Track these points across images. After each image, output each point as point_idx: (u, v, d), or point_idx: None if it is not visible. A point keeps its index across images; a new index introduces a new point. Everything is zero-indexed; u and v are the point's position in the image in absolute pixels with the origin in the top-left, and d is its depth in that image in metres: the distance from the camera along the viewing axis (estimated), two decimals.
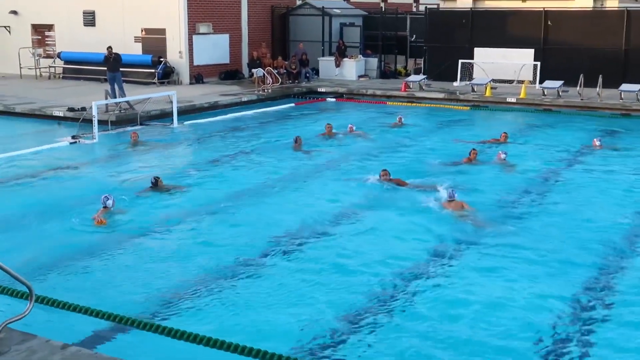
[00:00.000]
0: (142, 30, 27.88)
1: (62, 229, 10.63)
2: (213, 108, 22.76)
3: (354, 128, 18.68)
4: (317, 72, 29.91)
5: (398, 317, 7.74)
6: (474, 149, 15.05)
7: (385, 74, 30.08)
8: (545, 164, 15.16)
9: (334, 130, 18.29)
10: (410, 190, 12.69)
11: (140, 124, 19.88)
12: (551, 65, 25.78)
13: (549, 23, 26.30)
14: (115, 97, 20.49)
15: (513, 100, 23.55)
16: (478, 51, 27.30)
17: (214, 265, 9.14)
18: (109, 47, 21.34)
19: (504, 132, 17.15)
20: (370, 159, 15.70)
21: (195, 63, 27.71)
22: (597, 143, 16.60)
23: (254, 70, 26.61)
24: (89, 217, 10.92)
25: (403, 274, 8.90)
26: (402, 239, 10.24)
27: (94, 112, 17.70)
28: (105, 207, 11.10)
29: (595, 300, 8.14)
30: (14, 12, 30.63)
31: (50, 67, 29.48)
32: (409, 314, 7.82)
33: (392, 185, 12.88)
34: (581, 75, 22.53)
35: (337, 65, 29.50)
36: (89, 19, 28.89)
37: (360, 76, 29.50)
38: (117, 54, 21.33)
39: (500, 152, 14.93)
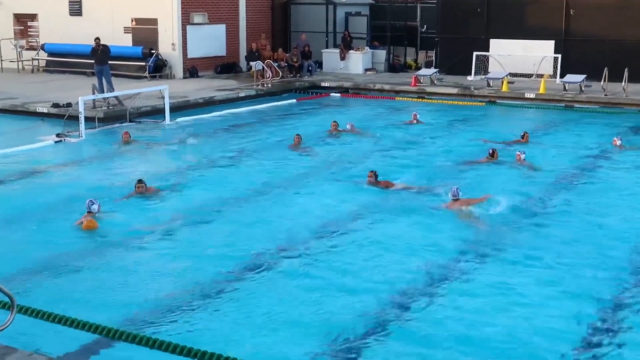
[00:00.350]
0: (132, 21, 27.94)
1: (46, 235, 10.67)
2: (208, 104, 22.79)
3: (354, 126, 18.72)
4: (320, 65, 29.94)
5: (402, 333, 7.75)
6: (494, 149, 15.10)
7: (394, 67, 30.10)
8: (566, 165, 15.16)
9: (339, 128, 18.33)
10: (410, 193, 12.78)
11: (130, 121, 19.93)
12: (573, 58, 25.77)
13: (571, 12, 26.29)
14: (103, 92, 20.54)
15: (532, 95, 23.54)
16: (494, 43, 27.29)
17: (206, 274, 9.16)
18: (97, 39, 21.40)
19: (525, 132, 17.15)
20: (383, 158, 15.72)
21: (190, 55, 27.75)
22: (618, 142, 16.57)
23: (252, 64, 26.64)
24: (74, 223, 10.93)
25: (408, 283, 8.92)
26: (406, 245, 10.27)
27: (81, 108, 17.74)
28: (89, 212, 11.09)
29: (620, 314, 8.13)
30: None
31: (33, 59, 29.55)
32: (414, 328, 7.83)
33: (380, 188, 12.96)
34: (605, 69, 22.50)
35: (342, 58, 29.53)
36: (76, 8, 28.97)
37: (366, 70, 29.52)
38: (105, 46, 21.39)
39: (519, 152, 14.94)
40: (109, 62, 21.57)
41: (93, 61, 21.60)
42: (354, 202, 12.43)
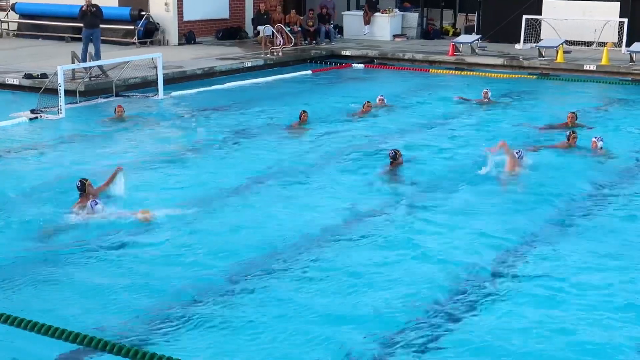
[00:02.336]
0: None
1: (20, 232, 10.71)
2: (208, 75, 22.88)
3: (385, 100, 18.99)
4: (340, 30, 29.92)
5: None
6: (573, 132, 14.94)
7: (428, 33, 30.05)
8: (634, 151, 15.09)
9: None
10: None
11: (117, 95, 20.04)
12: None
13: None
14: (85, 61, 20.61)
15: (592, 67, 23.45)
16: (548, 4, 27.18)
17: (202, 278, 9.21)
18: None
19: (571, 112, 16.92)
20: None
21: (186, 18, 27.83)
22: None
23: (260, 28, 26.69)
24: (57, 216, 11.00)
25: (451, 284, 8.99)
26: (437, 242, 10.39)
27: (60, 79, 17.78)
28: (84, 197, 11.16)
29: None
30: None
31: (2, 22, 29.73)
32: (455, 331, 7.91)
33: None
34: None
35: (367, 22, 29.51)
36: None
37: (395, 36, 29.49)
38: (96, 6, 21.43)
39: (595, 138, 14.73)
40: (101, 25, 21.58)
41: (82, 24, 21.58)
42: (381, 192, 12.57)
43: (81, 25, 21.71)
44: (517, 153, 13.49)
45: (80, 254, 9.96)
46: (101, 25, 21.80)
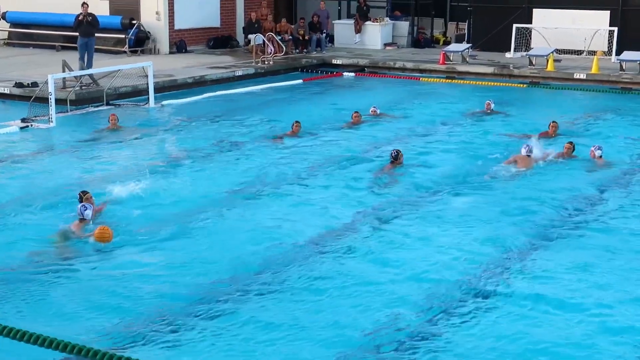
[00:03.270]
0: None
1: (10, 241, 10.72)
2: (199, 84, 22.92)
3: (377, 111, 19.03)
4: (331, 39, 30.00)
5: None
6: (570, 142, 15.00)
7: (419, 42, 30.15)
8: (623, 161, 15.12)
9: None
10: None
11: (107, 104, 20.07)
12: (632, 32, 25.77)
13: None
14: (85, 68, 20.65)
15: (582, 76, 23.57)
16: (538, 13, 27.31)
17: (195, 287, 9.23)
18: (85, 4, 21.38)
19: (553, 122, 16.95)
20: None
21: (177, 27, 27.86)
22: None
23: (251, 37, 26.73)
24: (48, 227, 10.97)
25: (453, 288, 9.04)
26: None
27: (51, 88, 17.81)
28: (82, 219, 10.90)
29: None
30: None
31: None
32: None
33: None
34: None
35: (358, 31, 29.59)
36: None
37: (386, 44, 29.58)
38: (92, 15, 21.44)
39: (593, 148, 14.71)
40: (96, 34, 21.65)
41: (77, 33, 21.61)
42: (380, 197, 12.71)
43: (72, 34, 21.74)
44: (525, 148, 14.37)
45: (67, 262, 10.02)
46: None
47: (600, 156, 14.67)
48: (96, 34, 21.67)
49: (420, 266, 9.94)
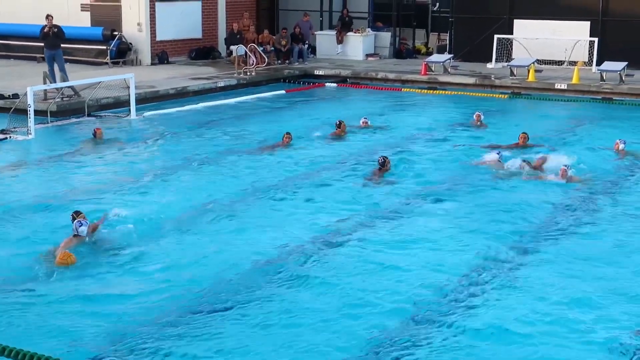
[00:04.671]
0: None
1: None
2: (181, 95, 22.89)
3: (368, 122, 19.08)
4: (313, 50, 30.04)
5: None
6: (524, 132, 16.02)
7: (401, 52, 30.24)
8: (603, 172, 15.15)
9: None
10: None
11: (89, 115, 20.00)
12: (612, 42, 25.97)
13: None
14: (55, 81, 20.57)
15: (563, 86, 23.69)
16: (519, 24, 27.47)
17: (186, 299, 9.22)
18: (49, 16, 21.33)
19: (523, 133, 16.87)
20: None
21: (159, 38, 27.82)
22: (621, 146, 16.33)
23: (232, 48, 26.72)
24: (33, 243, 10.83)
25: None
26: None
27: (30, 100, 17.75)
28: (76, 235, 10.62)
29: None
30: None
31: None
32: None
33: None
34: None
35: (340, 42, 29.65)
36: None
37: (368, 55, 29.64)
38: (58, 27, 21.37)
39: (564, 166, 14.30)
40: (62, 45, 21.52)
41: (43, 45, 21.57)
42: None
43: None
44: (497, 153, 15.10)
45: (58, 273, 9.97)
46: (73, 46, 21.74)
47: (571, 174, 14.23)
48: (77, 45, 21.55)
49: (410, 271, 10.02)
